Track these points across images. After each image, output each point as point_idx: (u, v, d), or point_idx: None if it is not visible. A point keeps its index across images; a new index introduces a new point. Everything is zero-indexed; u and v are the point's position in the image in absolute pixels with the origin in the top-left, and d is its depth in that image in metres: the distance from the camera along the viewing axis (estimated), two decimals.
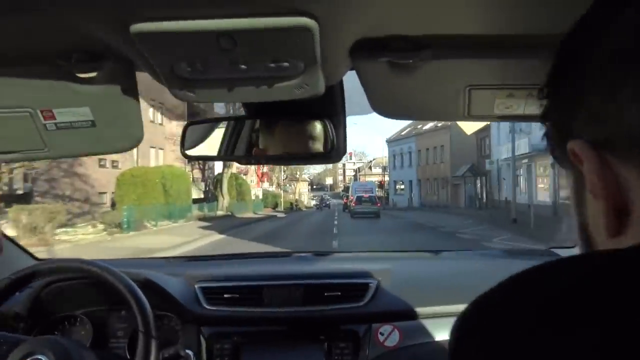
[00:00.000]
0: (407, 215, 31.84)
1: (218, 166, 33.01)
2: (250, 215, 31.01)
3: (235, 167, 35.07)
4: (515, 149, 22.84)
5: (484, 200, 35.16)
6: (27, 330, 1.46)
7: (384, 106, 1.00)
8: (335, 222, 24.95)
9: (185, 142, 1.15)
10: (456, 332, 0.37)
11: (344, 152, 1.15)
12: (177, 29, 0.63)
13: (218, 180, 31.43)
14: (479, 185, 36.99)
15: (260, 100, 0.95)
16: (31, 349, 1.19)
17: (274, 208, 42.52)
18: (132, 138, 1.00)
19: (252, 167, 52.22)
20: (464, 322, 0.37)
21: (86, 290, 1.51)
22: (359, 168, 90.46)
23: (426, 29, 0.74)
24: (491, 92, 0.92)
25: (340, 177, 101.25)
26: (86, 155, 1.11)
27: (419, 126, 46.03)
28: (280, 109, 1.02)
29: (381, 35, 0.75)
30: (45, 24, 0.68)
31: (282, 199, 46.59)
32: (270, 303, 1.56)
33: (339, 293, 1.58)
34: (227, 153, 1.19)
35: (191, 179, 27.69)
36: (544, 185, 25.75)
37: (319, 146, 1.09)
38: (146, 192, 20.46)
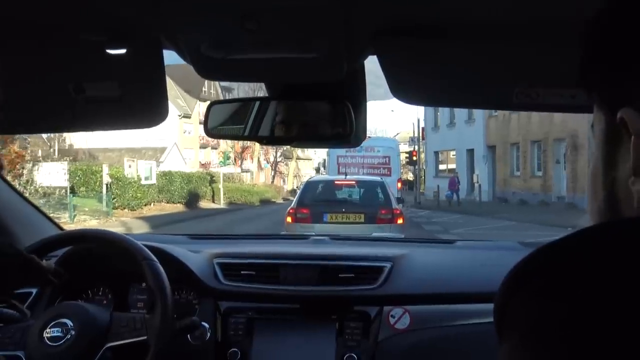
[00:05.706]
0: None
1: None
2: None
3: None
4: None
5: None
6: (51, 297, 1.53)
7: (404, 91, 1.01)
8: None
9: (209, 121, 1.18)
10: (520, 270, 0.37)
11: (364, 136, 1.18)
12: (203, 6, 0.67)
13: None
14: None
15: (283, 82, 1.07)
16: (56, 313, 1.28)
17: (188, 203, 22.99)
18: (157, 115, 1.03)
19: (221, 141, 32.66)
20: (528, 263, 0.37)
21: (109, 261, 1.56)
22: None
23: (447, 15, 0.75)
24: (511, 80, 0.92)
25: None
26: (112, 129, 1.15)
27: None
28: (303, 91, 1.08)
29: (403, 20, 0.77)
30: (78, 1, 0.70)
31: (220, 186, 24.81)
32: (286, 281, 1.62)
33: (353, 275, 1.63)
34: (251, 133, 1.22)
35: None
36: None
37: (339, 129, 1.12)
38: None
